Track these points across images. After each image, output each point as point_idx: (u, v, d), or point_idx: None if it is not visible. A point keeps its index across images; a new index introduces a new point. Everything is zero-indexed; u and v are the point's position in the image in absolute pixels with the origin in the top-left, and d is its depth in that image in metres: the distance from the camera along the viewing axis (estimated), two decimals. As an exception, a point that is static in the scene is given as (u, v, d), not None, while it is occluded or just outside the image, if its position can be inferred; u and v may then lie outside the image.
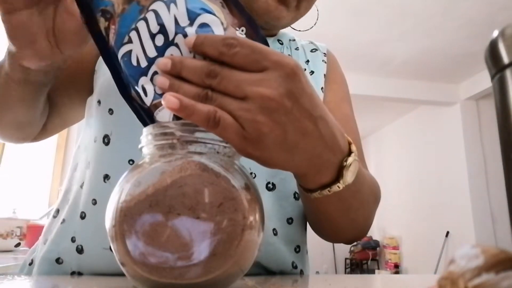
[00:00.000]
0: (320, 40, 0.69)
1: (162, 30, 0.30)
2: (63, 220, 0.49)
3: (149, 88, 0.31)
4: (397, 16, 2.80)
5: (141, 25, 0.31)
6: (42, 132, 0.57)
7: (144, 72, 0.31)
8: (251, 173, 0.49)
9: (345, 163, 0.35)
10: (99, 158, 0.48)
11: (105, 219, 0.28)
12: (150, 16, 0.31)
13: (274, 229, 0.49)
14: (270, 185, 0.50)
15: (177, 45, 0.30)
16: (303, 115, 0.30)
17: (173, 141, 0.29)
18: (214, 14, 0.31)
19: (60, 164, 2.66)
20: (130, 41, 0.31)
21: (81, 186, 0.49)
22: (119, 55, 0.32)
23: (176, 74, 0.29)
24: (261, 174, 0.49)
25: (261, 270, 0.48)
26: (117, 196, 0.27)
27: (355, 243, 5.42)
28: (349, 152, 0.36)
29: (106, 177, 0.47)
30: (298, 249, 0.53)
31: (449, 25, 2.89)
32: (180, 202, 0.26)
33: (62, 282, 0.40)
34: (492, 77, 0.28)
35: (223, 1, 0.32)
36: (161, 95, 0.30)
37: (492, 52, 0.28)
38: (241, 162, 0.32)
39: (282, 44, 0.62)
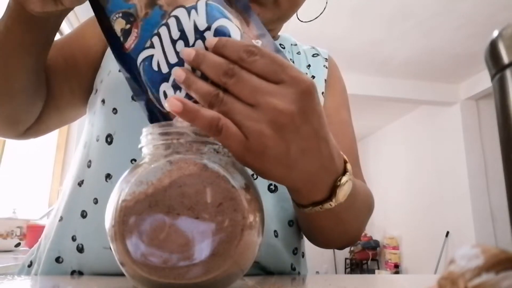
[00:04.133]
0: (320, 40, 0.69)
1: (182, 36, 0.31)
2: (61, 218, 0.49)
3: (171, 94, 0.31)
4: (397, 16, 2.80)
5: (163, 30, 0.32)
6: (36, 126, 0.55)
7: (166, 78, 0.31)
8: (253, 174, 0.49)
9: (338, 183, 0.35)
10: (101, 157, 0.48)
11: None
12: (172, 22, 0.32)
13: (275, 231, 0.49)
14: (272, 187, 0.50)
15: None
16: (309, 135, 0.30)
17: (173, 141, 0.29)
18: (231, 20, 0.32)
19: (60, 164, 2.66)
20: (152, 46, 0.32)
21: (79, 184, 0.49)
22: (139, 59, 0.32)
23: (196, 66, 0.29)
24: None
25: (261, 271, 0.48)
26: (116, 196, 0.27)
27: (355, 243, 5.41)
28: (344, 171, 0.35)
29: (108, 176, 0.47)
30: (295, 251, 0.53)
31: (449, 25, 2.89)
32: (179, 202, 0.26)
33: (62, 282, 0.40)
34: (492, 77, 0.28)
35: (240, 14, 0.33)
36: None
37: (492, 52, 0.28)
38: None
39: (284, 48, 0.62)
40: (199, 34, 0.31)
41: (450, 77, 3.79)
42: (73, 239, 0.46)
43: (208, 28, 0.31)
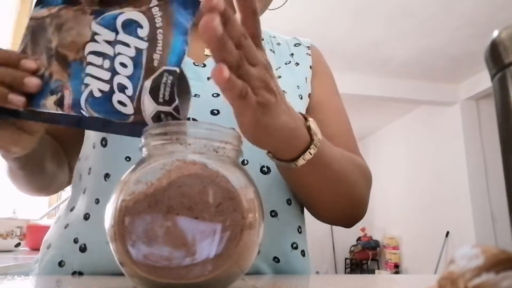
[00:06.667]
0: (321, 40, 0.70)
1: (106, 56, 0.33)
2: (67, 225, 0.50)
3: (124, 99, 0.32)
4: (397, 16, 2.80)
5: (90, 68, 0.33)
6: (62, 180, 0.62)
7: (113, 91, 0.32)
8: (243, 160, 0.49)
9: (308, 124, 0.40)
10: (99, 160, 0.50)
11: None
12: (91, 57, 0.34)
13: (272, 211, 0.50)
14: (264, 169, 0.51)
15: (120, 54, 0.33)
16: (278, 88, 0.36)
17: (172, 141, 0.29)
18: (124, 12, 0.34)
19: (60, 164, 2.66)
20: (87, 85, 0.33)
21: (84, 192, 0.51)
22: (82, 104, 0.33)
23: (225, 17, 0.29)
24: (254, 159, 0.50)
25: (261, 259, 0.47)
26: (116, 196, 0.27)
27: (355, 243, 5.42)
28: (304, 118, 0.41)
29: (107, 175, 0.48)
30: (300, 229, 0.54)
31: (449, 25, 2.89)
32: (179, 202, 0.26)
33: (63, 282, 0.40)
34: (492, 77, 0.28)
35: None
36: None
37: (492, 52, 0.28)
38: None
39: (262, 40, 0.63)
40: (114, 43, 0.33)
41: (450, 77, 3.78)
42: (75, 241, 0.47)
43: (117, 33, 0.33)
